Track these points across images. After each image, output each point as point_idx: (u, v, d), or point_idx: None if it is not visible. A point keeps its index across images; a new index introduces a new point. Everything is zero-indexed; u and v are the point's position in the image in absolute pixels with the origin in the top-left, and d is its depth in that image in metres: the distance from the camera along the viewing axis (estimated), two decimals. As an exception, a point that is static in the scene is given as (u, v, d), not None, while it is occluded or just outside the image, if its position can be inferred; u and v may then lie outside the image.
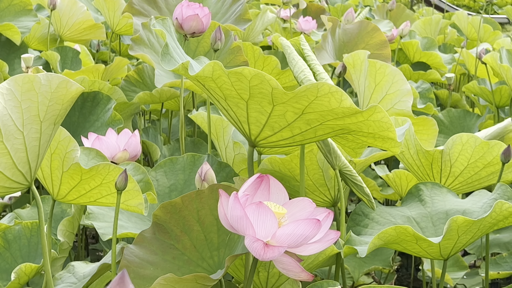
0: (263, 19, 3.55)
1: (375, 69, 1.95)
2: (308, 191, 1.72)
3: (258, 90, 1.19)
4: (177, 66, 1.28)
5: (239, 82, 1.19)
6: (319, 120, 1.24)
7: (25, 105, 1.13)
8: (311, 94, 1.16)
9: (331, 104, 1.18)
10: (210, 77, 1.21)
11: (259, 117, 1.26)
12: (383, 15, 4.71)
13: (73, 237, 1.69)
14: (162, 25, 1.53)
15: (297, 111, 1.22)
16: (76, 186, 1.37)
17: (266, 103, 1.22)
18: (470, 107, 3.75)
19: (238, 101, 1.25)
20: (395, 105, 1.95)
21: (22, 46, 2.96)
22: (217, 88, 1.24)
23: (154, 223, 1.34)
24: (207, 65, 1.18)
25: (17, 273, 1.53)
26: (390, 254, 2.14)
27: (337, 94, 1.16)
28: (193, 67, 1.26)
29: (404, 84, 1.94)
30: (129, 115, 2.54)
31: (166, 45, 1.33)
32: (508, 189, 1.52)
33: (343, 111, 1.20)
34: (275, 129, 1.29)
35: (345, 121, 1.24)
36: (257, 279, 1.47)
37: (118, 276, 0.67)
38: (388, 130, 1.25)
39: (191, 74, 1.23)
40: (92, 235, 2.96)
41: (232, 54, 2.12)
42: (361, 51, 2.00)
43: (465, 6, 11.09)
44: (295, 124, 1.26)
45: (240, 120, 1.30)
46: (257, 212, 1.07)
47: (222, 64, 1.17)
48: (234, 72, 1.16)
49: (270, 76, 1.15)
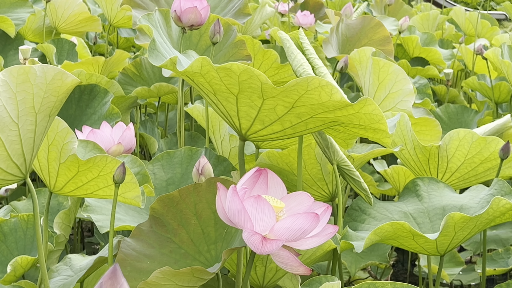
0: (261, 13, 3.54)
1: (378, 67, 1.95)
2: (306, 185, 1.72)
3: (248, 85, 1.18)
4: (165, 62, 1.27)
5: (228, 78, 1.18)
6: (309, 113, 1.24)
7: (20, 96, 1.13)
8: (301, 88, 1.16)
9: (321, 98, 1.17)
10: (198, 72, 1.20)
11: (249, 111, 1.26)
12: (381, 10, 4.70)
13: (69, 230, 1.69)
14: (148, 21, 1.52)
15: (287, 105, 1.22)
16: (73, 178, 1.36)
17: (256, 97, 1.22)
18: (468, 103, 3.75)
19: (228, 96, 1.24)
20: (397, 104, 1.94)
21: (18, 38, 2.95)
22: (206, 83, 1.24)
23: (151, 216, 1.34)
24: (196, 60, 1.17)
25: (13, 265, 1.52)
26: (387, 249, 2.14)
27: (327, 87, 1.15)
28: (182, 63, 1.25)
29: (407, 83, 1.93)
30: (127, 109, 2.53)
31: (153, 41, 1.32)
32: (505, 185, 1.52)
33: (333, 104, 1.19)
34: (266, 122, 1.28)
35: (336, 114, 1.23)
36: (254, 274, 1.47)
37: (110, 270, 0.66)
38: (379, 122, 1.25)
39: (179, 69, 1.22)
40: (87, 228, 2.95)
41: (235, 48, 2.11)
42: (367, 48, 1.99)
43: (462, 2, 11.09)
44: (286, 117, 1.26)
45: (230, 114, 1.30)
46: (255, 205, 1.06)
47: (210, 60, 1.17)
48: (223, 68, 1.16)
49: (259, 71, 1.15)
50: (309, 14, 3.75)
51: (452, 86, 3.97)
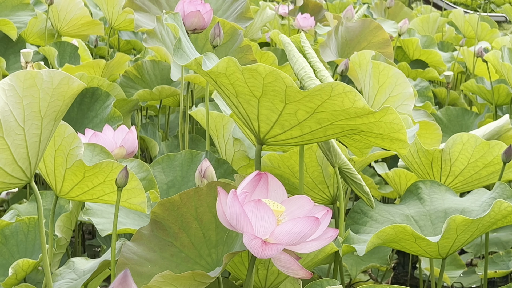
0: (262, 15, 3.54)
1: (378, 70, 1.95)
2: (307, 188, 1.72)
3: (272, 88, 1.18)
4: (190, 62, 1.27)
5: (253, 79, 1.18)
6: (330, 119, 1.24)
7: (27, 101, 1.13)
8: (325, 93, 1.16)
9: (344, 104, 1.17)
10: (223, 73, 1.20)
11: (270, 115, 1.26)
12: (381, 12, 4.70)
13: (71, 233, 1.69)
14: (174, 20, 1.52)
15: (309, 110, 1.22)
16: (79, 183, 1.37)
17: (278, 101, 1.21)
18: (468, 105, 3.75)
19: (250, 98, 1.24)
20: (397, 108, 1.94)
21: (20, 41, 2.95)
22: (230, 85, 1.24)
23: (152, 220, 1.34)
24: (222, 60, 1.17)
25: (15, 268, 1.52)
26: (388, 252, 2.14)
27: (351, 94, 1.16)
28: (206, 63, 1.26)
29: (407, 87, 1.93)
30: (128, 112, 2.53)
31: (179, 40, 1.32)
32: (507, 188, 1.52)
33: (355, 112, 1.19)
34: (285, 127, 1.28)
35: (356, 121, 1.23)
36: (256, 277, 1.47)
37: (121, 276, 0.66)
38: (399, 132, 1.25)
39: (204, 69, 1.22)
40: (88, 231, 2.95)
41: (241, 53, 2.11)
42: (367, 51, 1.99)
43: (462, 4, 11.09)
44: (306, 123, 1.26)
45: (250, 118, 1.29)
46: (255, 209, 1.06)
47: (237, 60, 1.17)
48: (249, 68, 1.16)
49: (285, 74, 1.15)
50: (309, 16, 3.75)
51: (452, 88, 3.97)
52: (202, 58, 1.24)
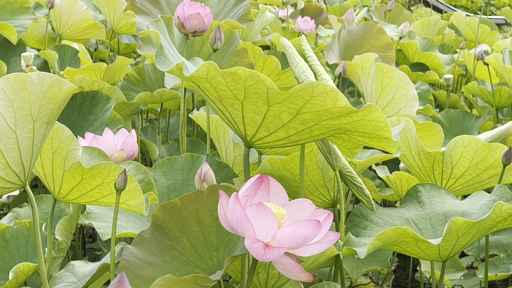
0: (262, 18, 3.54)
1: (382, 72, 1.95)
2: (307, 191, 1.72)
3: (253, 91, 1.19)
4: (172, 67, 1.27)
5: (234, 83, 1.18)
6: (314, 120, 1.24)
7: (18, 104, 1.13)
8: (306, 93, 1.16)
9: (326, 104, 1.18)
10: (205, 77, 1.21)
11: (255, 117, 1.26)
12: (381, 15, 4.71)
13: (71, 237, 1.69)
14: (156, 27, 1.52)
15: (292, 111, 1.22)
16: (77, 185, 1.37)
17: (261, 104, 1.22)
18: (469, 108, 3.75)
19: (233, 102, 1.24)
20: (400, 109, 1.94)
21: (20, 45, 2.95)
22: (212, 89, 1.24)
23: (153, 223, 1.34)
24: (202, 65, 1.18)
25: (15, 272, 1.52)
26: (388, 255, 2.14)
27: (332, 93, 1.16)
28: (188, 68, 1.26)
29: (411, 89, 1.93)
30: (129, 115, 2.53)
31: (160, 46, 1.33)
32: (507, 191, 1.53)
33: (338, 111, 1.19)
34: (271, 129, 1.28)
35: (341, 120, 1.23)
36: (256, 280, 1.47)
37: (117, 279, 0.66)
38: (383, 130, 1.25)
39: (185, 74, 1.23)
40: (89, 234, 2.95)
41: (237, 56, 2.11)
42: (369, 54, 1.99)
43: (462, 7, 11.10)
44: (291, 124, 1.26)
45: (236, 121, 1.30)
46: (257, 213, 1.07)
47: (216, 64, 1.17)
48: (229, 72, 1.16)
49: (265, 76, 1.15)
50: (310, 19, 3.75)
51: (453, 91, 3.98)
52: (183, 63, 1.24)
